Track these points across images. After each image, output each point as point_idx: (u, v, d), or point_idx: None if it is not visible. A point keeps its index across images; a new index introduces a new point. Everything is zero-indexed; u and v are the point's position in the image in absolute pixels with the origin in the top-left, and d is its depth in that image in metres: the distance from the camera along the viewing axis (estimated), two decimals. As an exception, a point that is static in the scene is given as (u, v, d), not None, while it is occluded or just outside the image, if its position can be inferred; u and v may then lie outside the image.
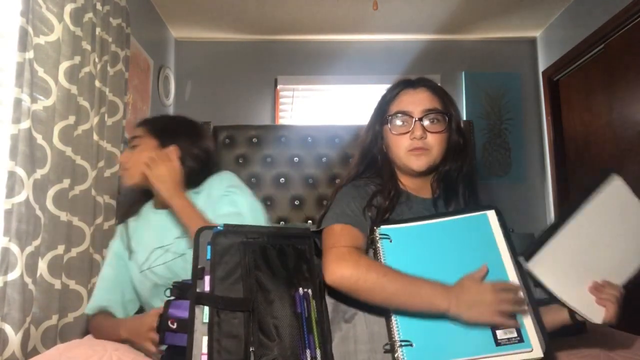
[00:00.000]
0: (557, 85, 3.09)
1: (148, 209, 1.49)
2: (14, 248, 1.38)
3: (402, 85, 1.28)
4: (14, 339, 1.35)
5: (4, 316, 1.35)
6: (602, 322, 1.02)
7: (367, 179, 1.26)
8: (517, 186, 3.14)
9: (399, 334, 0.96)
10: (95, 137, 1.84)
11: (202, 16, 2.99)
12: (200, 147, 1.44)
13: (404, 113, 1.21)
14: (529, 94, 3.27)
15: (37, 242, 1.47)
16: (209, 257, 1.01)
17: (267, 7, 2.87)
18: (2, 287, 1.35)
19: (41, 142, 1.53)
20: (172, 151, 1.36)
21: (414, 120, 1.19)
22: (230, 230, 1.05)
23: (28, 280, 1.42)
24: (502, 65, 3.29)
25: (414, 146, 1.18)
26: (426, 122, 1.19)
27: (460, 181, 1.24)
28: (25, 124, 1.44)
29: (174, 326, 1.03)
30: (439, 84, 1.32)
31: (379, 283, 0.98)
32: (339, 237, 1.09)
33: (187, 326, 0.97)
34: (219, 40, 3.29)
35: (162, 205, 1.42)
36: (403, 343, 0.95)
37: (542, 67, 3.22)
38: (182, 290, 1.07)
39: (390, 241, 1.07)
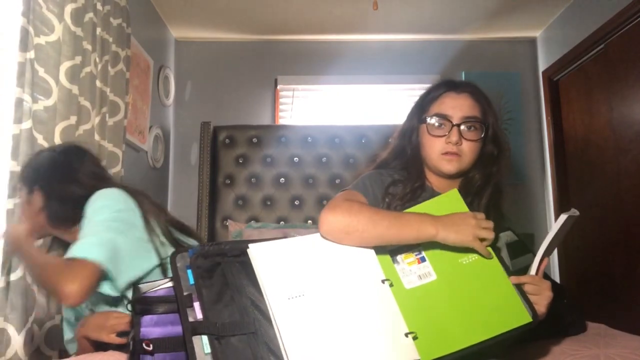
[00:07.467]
0: (557, 85, 3.09)
1: None
2: (16, 248, 1.38)
3: (446, 87, 1.27)
4: (17, 339, 1.35)
5: (7, 316, 1.35)
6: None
7: (392, 169, 1.29)
8: (517, 186, 3.14)
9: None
10: (97, 137, 1.84)
11: (202, 16, 2.99)
12: None
13: (444, 117, 1.21)
14: (529, 94, 3.26)
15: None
16: (192, 282, 0.96)
17: (267, 7, 2.87)
18: (5, 288, 1.35)
19: (42, 142, 1.53)
20: None
21: (452, 125, 1.20)
22: (209, 250, 0.99)
23: (30, 280, 1.42)
24: (502, 65, 3.28)
25: (447, 150, 1.20)
26: (462, 127, 1.20)
27: (487, 189, 1.23)
28: (27, 124, 1.44)
29: (150, 348, 0.93)
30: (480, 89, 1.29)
31: (371, 221, 1.01)
32: (341, 194, 1.16)
33: (163, 345, 0.92)
34: (219, 40, 3.28)
35: None
36: (409, 334, 0.93)
37: (542, 67, 3.21)
38: (145, 304, 0.97)
39: None
